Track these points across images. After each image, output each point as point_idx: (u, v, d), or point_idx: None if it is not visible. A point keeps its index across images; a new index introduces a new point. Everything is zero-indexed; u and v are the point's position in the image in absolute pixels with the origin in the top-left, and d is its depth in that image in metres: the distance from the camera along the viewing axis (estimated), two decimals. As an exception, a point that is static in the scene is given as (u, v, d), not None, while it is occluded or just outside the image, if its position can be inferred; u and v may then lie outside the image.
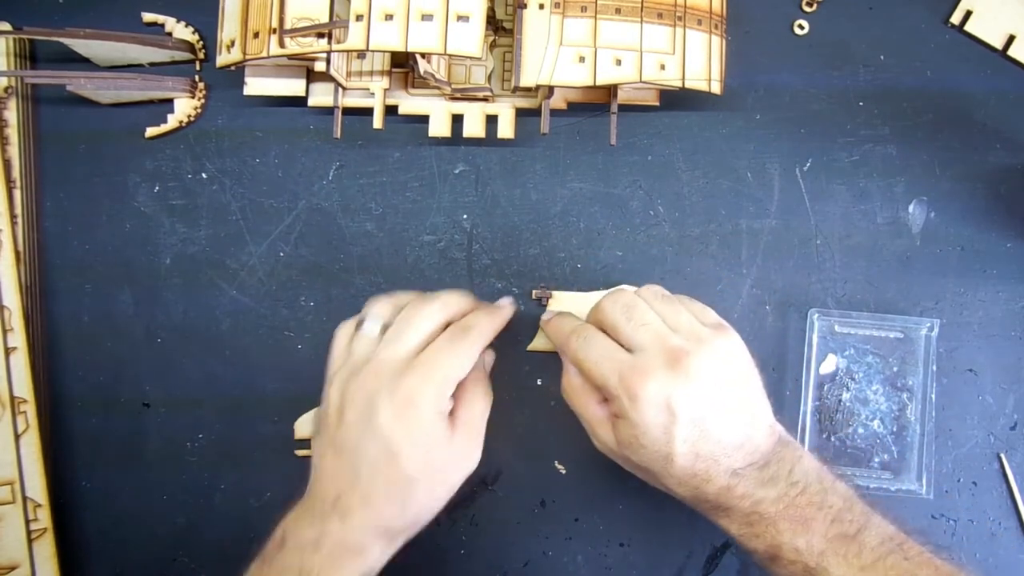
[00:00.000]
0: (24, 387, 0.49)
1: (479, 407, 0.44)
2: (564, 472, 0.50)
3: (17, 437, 0.48)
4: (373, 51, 0.44)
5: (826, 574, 0.37)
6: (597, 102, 0.51)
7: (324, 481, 0.41)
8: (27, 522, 0.48)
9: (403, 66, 0.50)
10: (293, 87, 0.50)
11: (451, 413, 0.42)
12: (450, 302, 0.44)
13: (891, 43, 0.52)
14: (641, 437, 0.39)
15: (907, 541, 0.38)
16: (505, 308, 0.47)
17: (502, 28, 0.51)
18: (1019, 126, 0.51)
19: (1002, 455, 0.49)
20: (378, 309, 0.44)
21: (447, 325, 0.44)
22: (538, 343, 0.50)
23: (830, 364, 0.50)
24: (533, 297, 0.50)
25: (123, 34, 0.49)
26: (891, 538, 0.38)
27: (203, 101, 0.52)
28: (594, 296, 0.49)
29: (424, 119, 0.50)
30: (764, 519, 0.38)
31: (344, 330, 0.45)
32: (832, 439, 0.50)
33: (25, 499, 0.48)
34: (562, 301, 0.50)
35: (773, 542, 0.38)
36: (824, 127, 0.51)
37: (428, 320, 0.43)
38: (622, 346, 0.41)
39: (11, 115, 0.51)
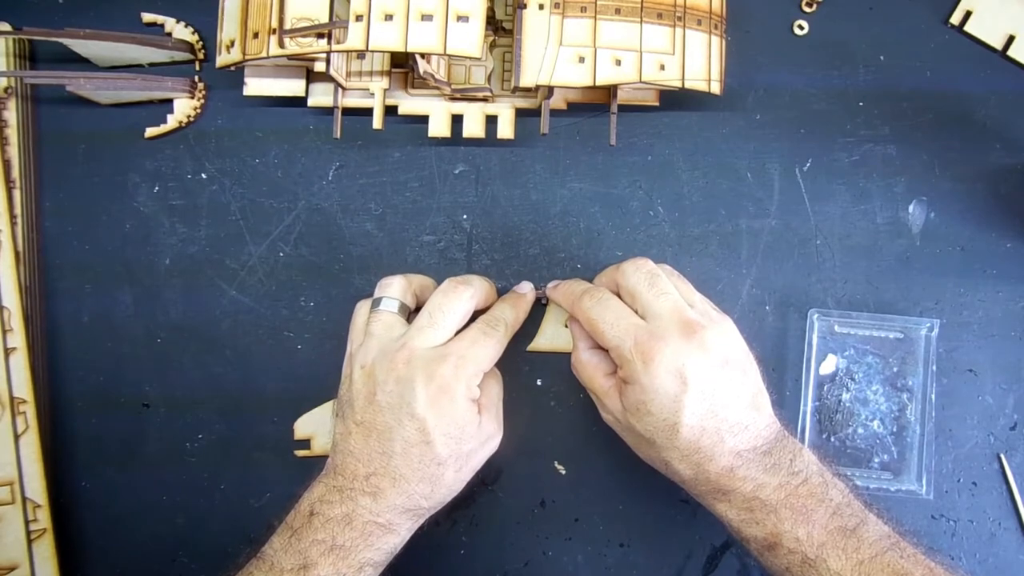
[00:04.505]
0: (24, 387, 0.49)
1: (496, 390, 0.46)
2: (564, 472, 0.50)
3: (17, 437, 0.48)
4: (373, 51, 0.44)
5: (824, 565, 0.37)
6: (597, 102, 0.51)
7: (352, 460, 0.42)
8: (27, 522, 0.48)
9: (403, 66, 0.50)
10: (293, 87, 0.50)
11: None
12: (480, 290, 0.46)
13: (891, 43, 0.52)
14: (649, 403, 0.40)
15: (902, 540, 0.38)
16: (527, 295, 0.49)
17: (502, 28, 0.51)
18: (1019, 126, 0.51)
19: (1002, 455, 0.49)
20: (394, 290, 0.46)
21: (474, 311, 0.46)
22: (538, 343, 0.50)
23: (830, 364, 0.50)
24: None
25: (123, 34, 0.49)
26: (887, 536, 0.38)
27: (203, 101, 0.52)
28: None
29: (424, 119, 0.50)
30: (765, 506, 0.39)
31: (362, 309, 0.46)
32: (832, 439, 0.50)
33: (25, 499, 0.48)
34: None
35: (773, 530, 0.38)
36: (824, 127, 0.51)
37: (460, 310, 0.44)
38: (635, 312, 0.42)
39: (11, 115, 0.51)
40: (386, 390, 0.41)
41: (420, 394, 0.41)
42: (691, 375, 0.39)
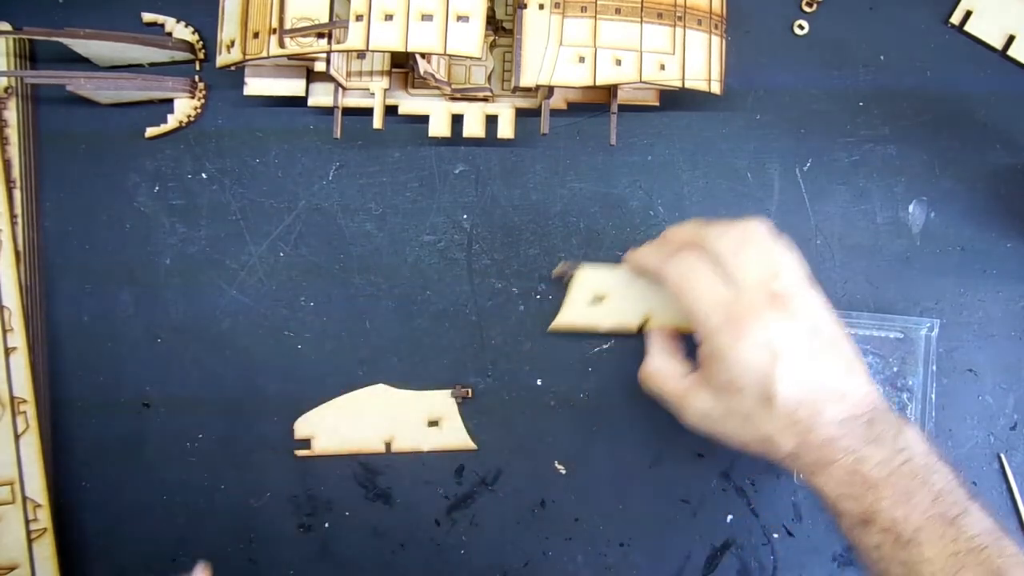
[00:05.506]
0: (24, 387, 0.49)
1: None
2: (564, 472, 0.50)
3: (17, 437, 0.48)
4: (373, 51, 0.44)
5: (917, 549, 0.36)
6: (597, 102, 0.51)
7: None
8: (27, 522, 0.48)
9: (403, 66, 0.50)
10: (293, 87, 0.50)
11: None
12: None
13: (891, 43, 0.52)
14: (739, 379, 0.39)
15: (1004, 537, 0.37)
16: None
17: (502, 28, 0.51)
18: (1019, 126, 0.51)
19: (1002, 455, 0.49)
20: None
21: None
22: (561, 321, 0.48)
23: (830, 364, 0.50)
24: (554, 275, 0.50)
25: (123, 34, 0.49)
26: (989, 531, 0.36)
27: (203, 101, 0.52)
28: (622, 273, 0.47)
29: (424, 119, 0.50)
30: (866, 480, 0.37)
31: None
32: (832, 439, 0.50)
33: (25, 499, 0.48)
34: (589, 276, 0.48)
35: (870, 508, 0.37)
36: (824, 127, 0.51)
37: None
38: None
39: (11, 115, 0.51)
40: None
41: None
42: (780, 345, 0.39)
